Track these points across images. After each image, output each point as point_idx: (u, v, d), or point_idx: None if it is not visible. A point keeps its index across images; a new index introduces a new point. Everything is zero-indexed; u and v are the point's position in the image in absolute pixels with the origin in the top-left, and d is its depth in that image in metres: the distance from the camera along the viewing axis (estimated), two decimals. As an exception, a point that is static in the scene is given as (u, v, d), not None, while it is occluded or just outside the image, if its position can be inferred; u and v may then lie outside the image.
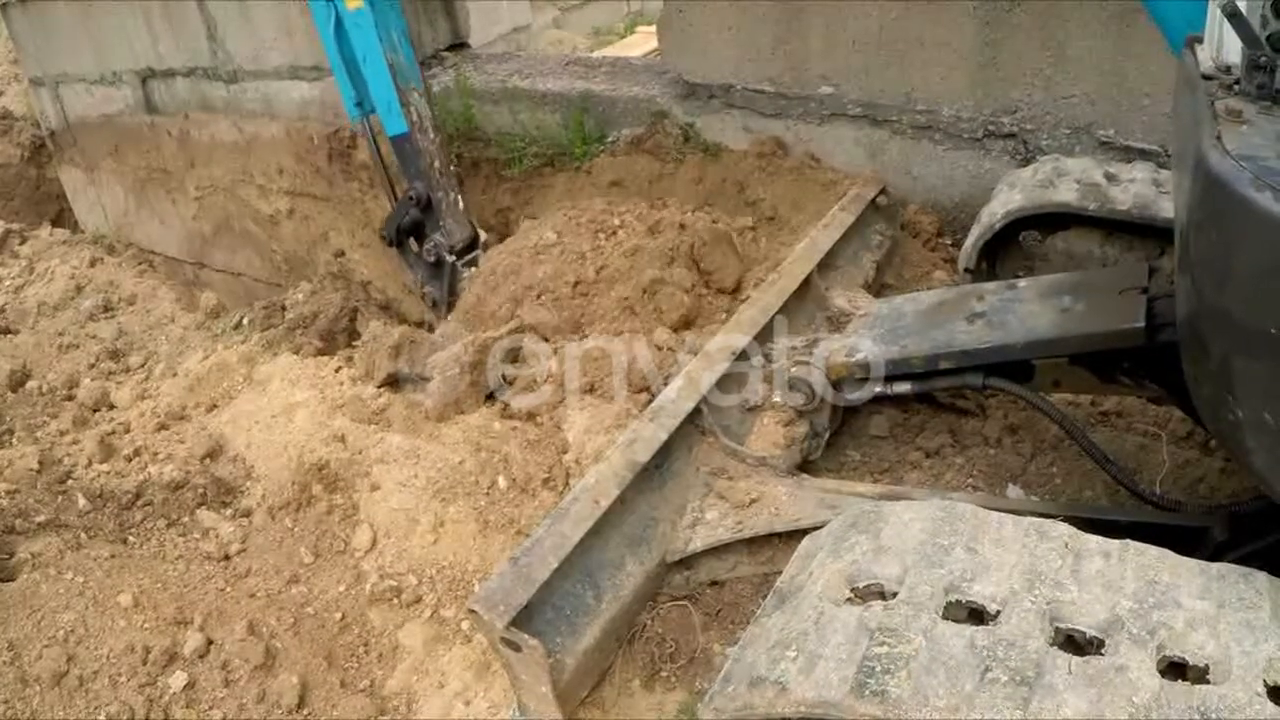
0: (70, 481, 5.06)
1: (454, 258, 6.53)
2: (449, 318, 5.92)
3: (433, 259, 6.58)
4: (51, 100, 11.31)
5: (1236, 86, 2.18)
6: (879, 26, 5.13)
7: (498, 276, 5.56)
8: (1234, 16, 2.11)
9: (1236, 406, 2.05)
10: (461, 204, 6.58)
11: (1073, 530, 2.15)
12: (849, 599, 2.18)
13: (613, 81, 6.59)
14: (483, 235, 6.70)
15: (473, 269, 6.28)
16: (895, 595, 2.10)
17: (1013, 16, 4.74)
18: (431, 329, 6.46)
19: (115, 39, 9.77)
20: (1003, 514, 2.25)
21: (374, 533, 4.34)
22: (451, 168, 6.53)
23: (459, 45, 7.87)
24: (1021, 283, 3.72)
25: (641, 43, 10.26)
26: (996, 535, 2.18)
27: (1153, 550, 2.07)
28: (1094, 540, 2.11)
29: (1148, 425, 3.76)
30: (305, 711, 3.81)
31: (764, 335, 4.12)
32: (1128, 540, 2.10)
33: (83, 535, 4.60)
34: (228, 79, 8.86)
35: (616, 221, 5.55)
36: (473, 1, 7.92)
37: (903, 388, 3.69)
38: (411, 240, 6.70)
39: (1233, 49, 2.25)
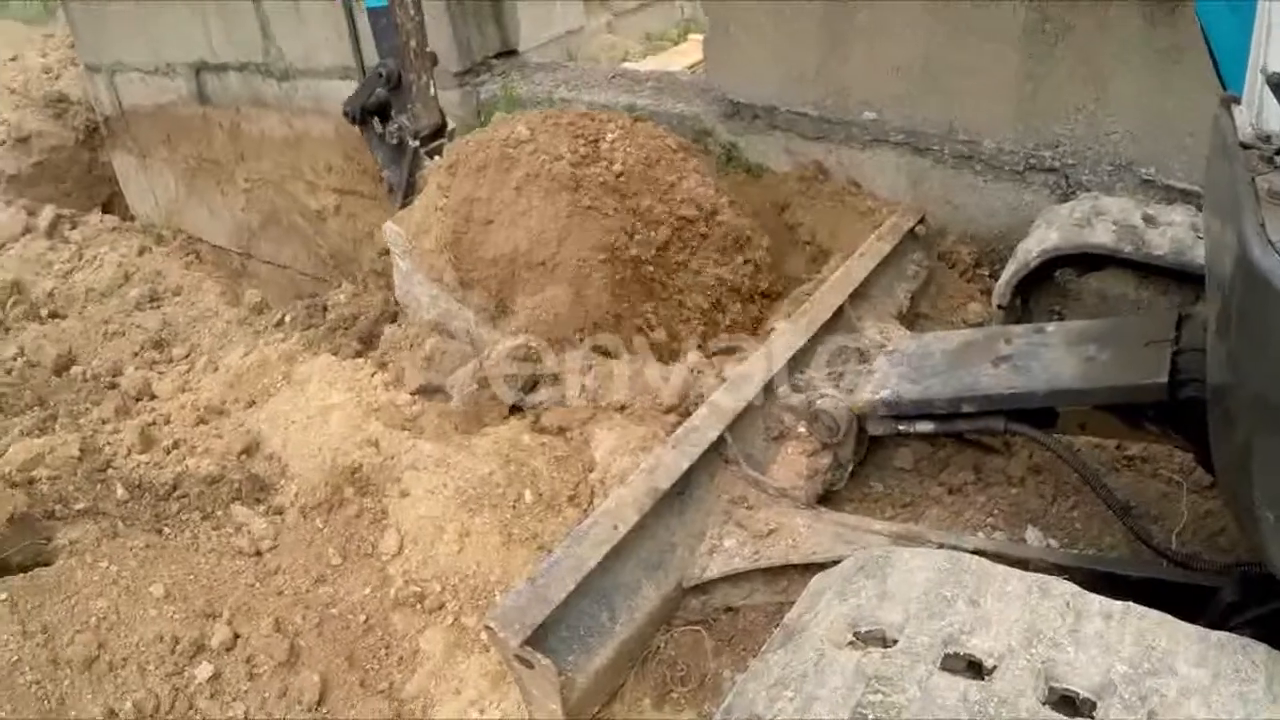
0: (110, 470, 5.15)
1: (417, 143, 6.33)
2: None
3: (395, 141, 6.38)
4: (106, 87, 11.46)
5: (1278, 158, 2.13)
6: (923, 54, 5.13)
7: (470, 206, 5.31)
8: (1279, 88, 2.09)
9: (1254, 487, 2.04)
10: (433, 90, 6.40)
11: (1076, 589, 2.17)
12: (850, 642, 2.20)
13: (658, 97, 6.62)
14: (450, 124, 6.52)
15: (436, 159, 6.04)
16: (895, 643, 2.13)
17: (1057, 50, 4.73)
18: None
19: (170, 32, 9.90)
20: (1009, 569, 2.27)
21: (401, 538, 4.39)
22: (427, 50, 6.34)
23: (508, 53, 7.89)
24: (1049, 327, 3.72)
25: (693, 50, 10.25)
26: (1000, 589, 2.20)
27: (1154, 614, 2.09)
28: (1096, 601, 2.13)
29: (1171, 472, 3.76)
30: (324, 709, 3.88)
31: (793, 364, 4.14)
32: (1130, 603, 2.11)
33: (119, 524, 4.68)
34: (280, 76, 8.96)
35: (596, 128, 5.44)
36: (525, 2, 7.94)
37: (925, 427, 3.70)
38: (376, 120, 6.47)
39: (1274, 117, 2.20)
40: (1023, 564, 3.01)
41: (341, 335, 6.40)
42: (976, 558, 2.34)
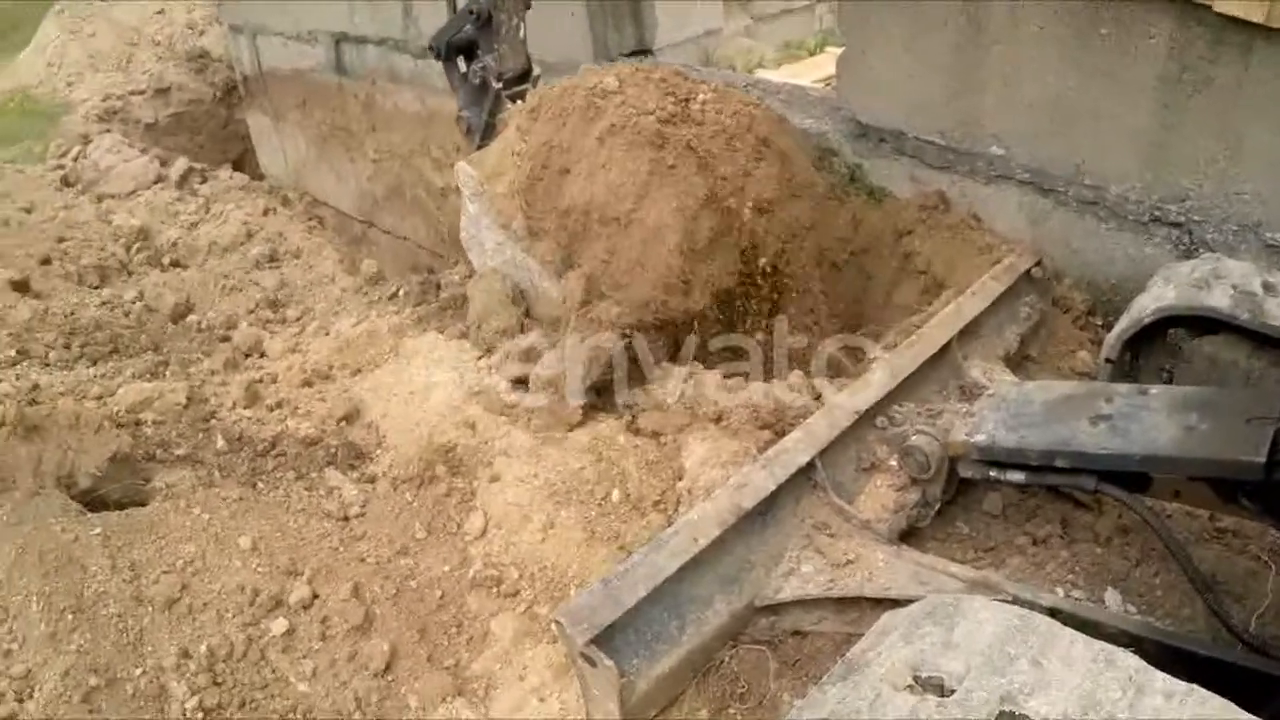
0: (213, 421, 5.28)
1: (500, 85, 6.19)
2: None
3: (478, 81, 6.24)
4: (248, 48, 11.72)
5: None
6: (1056, 94, 5.07)
7: (548, 153, 5.14)
8: None
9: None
10: (523, 33, 6.24)
11: (1141, 664, 2.15)
12: (909, 686, 2.21)
13: (787, 111, 6.58)
14: (536, 70, 6.39)
15: (518, 103, 5.92)
16: (953, 693, 2.13)
17: (1193, 101, 4.64)
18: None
19: (315, 2, 10.09)
20: (1077, 634, 2.26)
21: (486, 521, 4.47)
22: None
23: (642, 52, 7.92)
24: (1153, 390, 3.67)
25: (827, 63, 10.16)
26: (1066, 654, 2.18)
27: (1216, 701, 2.06)
28: (1160, 679, 2.11)
29: (1261, 550, 3.68)
30: (390, 678, 3.97)
31: (892, 396, 4.13)
32: (1194, 686, 2.09)
33: (216, 474, 4.81)
34: (416, 54, 9.07)
35: (688, 88, 5.27)
36: (664, 1, 7.95)
37: (1016, 477, 3.66)
38: (461, 59, 6.34)
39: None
40: (1096, 626, 2.99)
41: (451, 315, 6.48)
42: (1046, 618, 2.33)
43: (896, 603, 3.01)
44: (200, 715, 3.72)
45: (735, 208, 5.10)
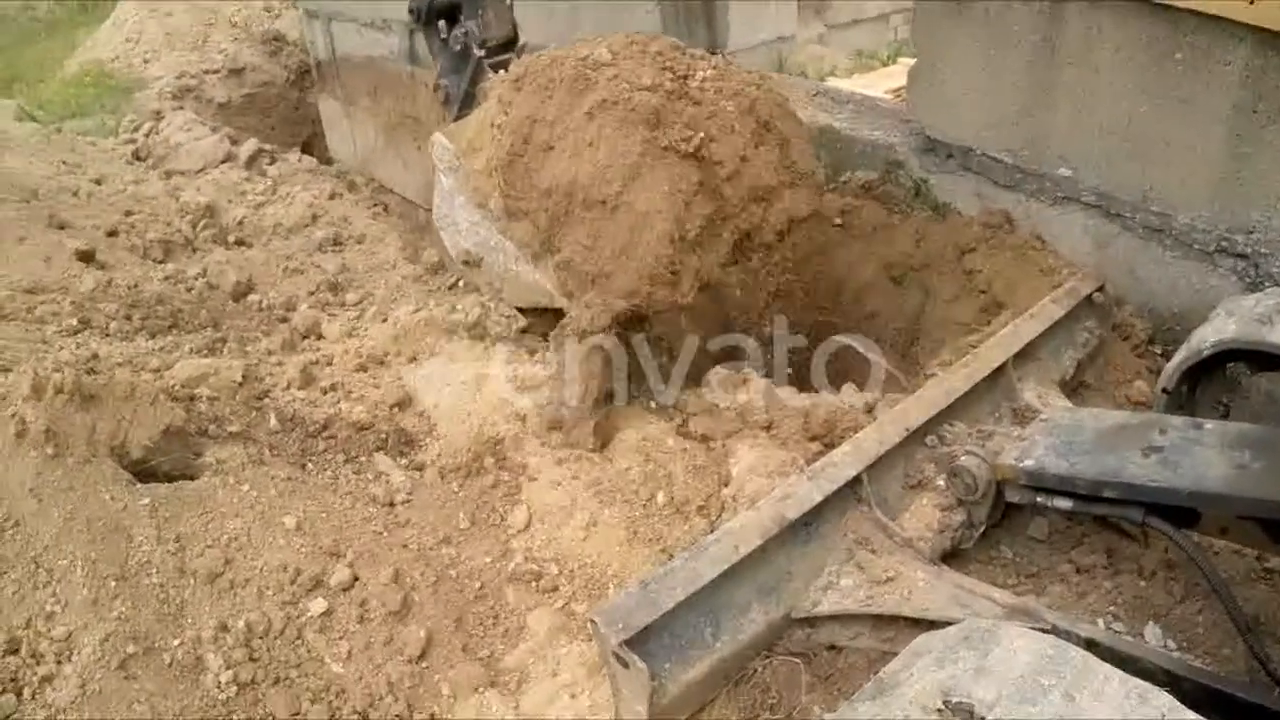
0: (267, 400, 5.31)
1: (483, 53, 5.89)
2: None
3: (458, 47, 5.95)
4: (323, 33, 11.82)
5: None
6: (1127, 118, 5.02)
7: (531, 127, 4.75)
8: None
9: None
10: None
11: (1173, 703, 2.12)
12: (939, 710, 2.19)
13: (855, 122, 6.58)
14: (522, 39, 6.09)
15: (501, 73, 5.51)
16: (983, 720, 2.12)
17: (1266, 133, 4.57)
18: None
19: (391, -8, 10.15)
20: (1112, 669, 2.23)
21: (530, 516, 4.49)
22: None
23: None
24: (1208, 425, 3.62)
25: (899, 74, 10.12)
26: (1098, 689, 2.16)
27: (1248, 745, 2.04)
28: (1192, 718, 2.08)
29: (1309, 593, 3.64)
30: (424, 664, 3.99)
31: (945, 415, 4.11)
32: (1227, 728, 2.07)
33: (266, 453, 4.84)
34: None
35: (687, 64, 4.90)
36: (739, 3, 7.92)
37: (1063, 504, 3.62)
38: (443, 23, 6.04)
39: None
40: (1134, 661, 2.96)
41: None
42: (1081, 650, 2.30)
43: (934, 624, 3.01)
44: (234, 689, 3.75)
45: (730, 195, 4.82)
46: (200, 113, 12.16)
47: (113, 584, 3.89)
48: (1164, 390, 4.20)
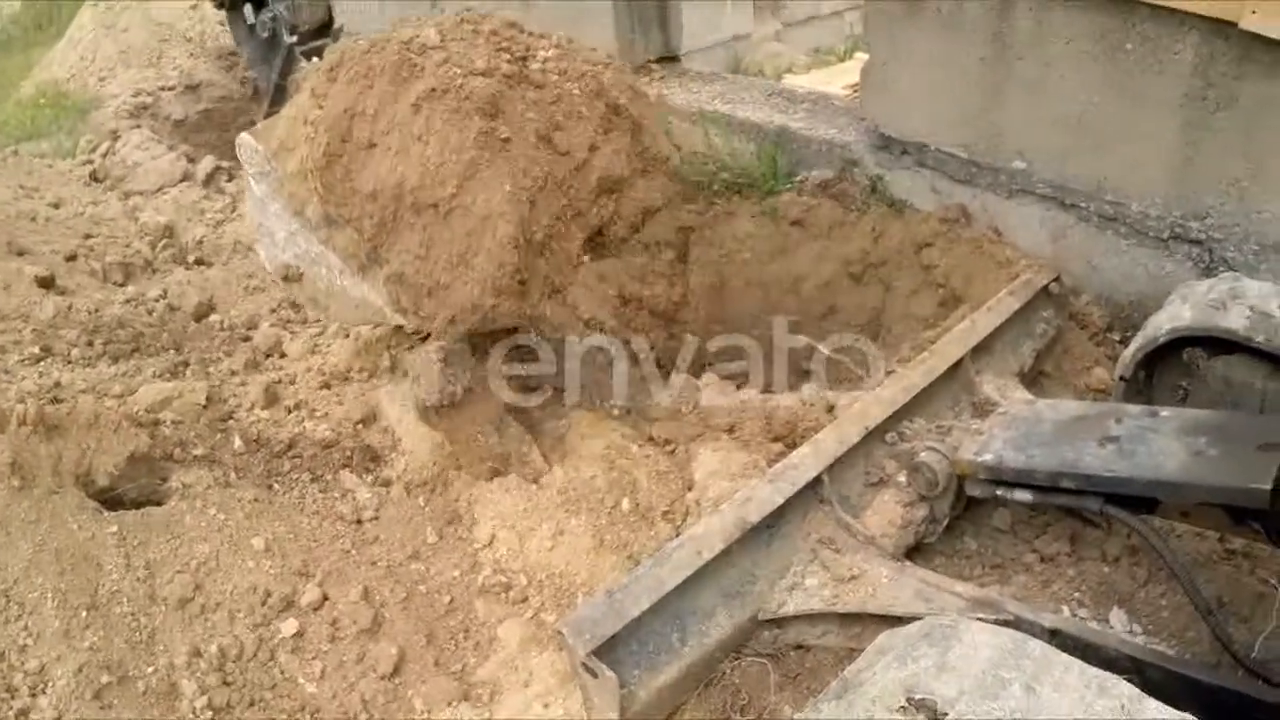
0: (231, 421, 5.29)
1: (294, 39, 5.33)
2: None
3: (266, 34, 5.36)
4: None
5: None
6: (1080, 110, 5.05)
7: (349, 122, 4.21)
8: None
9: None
10: None
11: (1135, 692, 2.14)
12: (901, 708, 2.22)
13: (811, 120, 6.60)
14: (339, 22, 5.49)
15: (315, 60, 4.95)
16: (945, 716, 2.14)
17: (1216, 120, 4.62)
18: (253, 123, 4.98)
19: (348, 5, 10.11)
20: (1072, 660, 2.26)
21: (497, 528, 4.49)
22: None
23: (670, 59, 7.93)
24: (1164, 412, 3.65)
25: (856, 69, 10.16)
26: (1059, 680, 2.18)
27: (1206, 730, 2.06)
28: (1153, 706, 2.10)
29: (1271, 573, 3.66)
30: (397, 681, 3.99)
31: (904, 411, 4.13)
32: (1186, 715, 2.09)
33: (232, 475, 4.82)
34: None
35: (526, 43, 4.48)
36: (694, 1, 7.93)
37: (1022, 497, 3.66)
38: (248, 7, 5.42)
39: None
40: (1097, 649, 2.99)
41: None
42: (1041, 643, 2.33)
43: (899, 619, 3.03)
44: (209, 714, 3.75)
45: (579, 188, 4.42)
46: (157, 131, 12.05)
47: (84, 614, 3.88)
48: (1122, 378, 4.24)
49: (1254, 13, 4.26)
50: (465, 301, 4.18)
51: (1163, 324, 4.12)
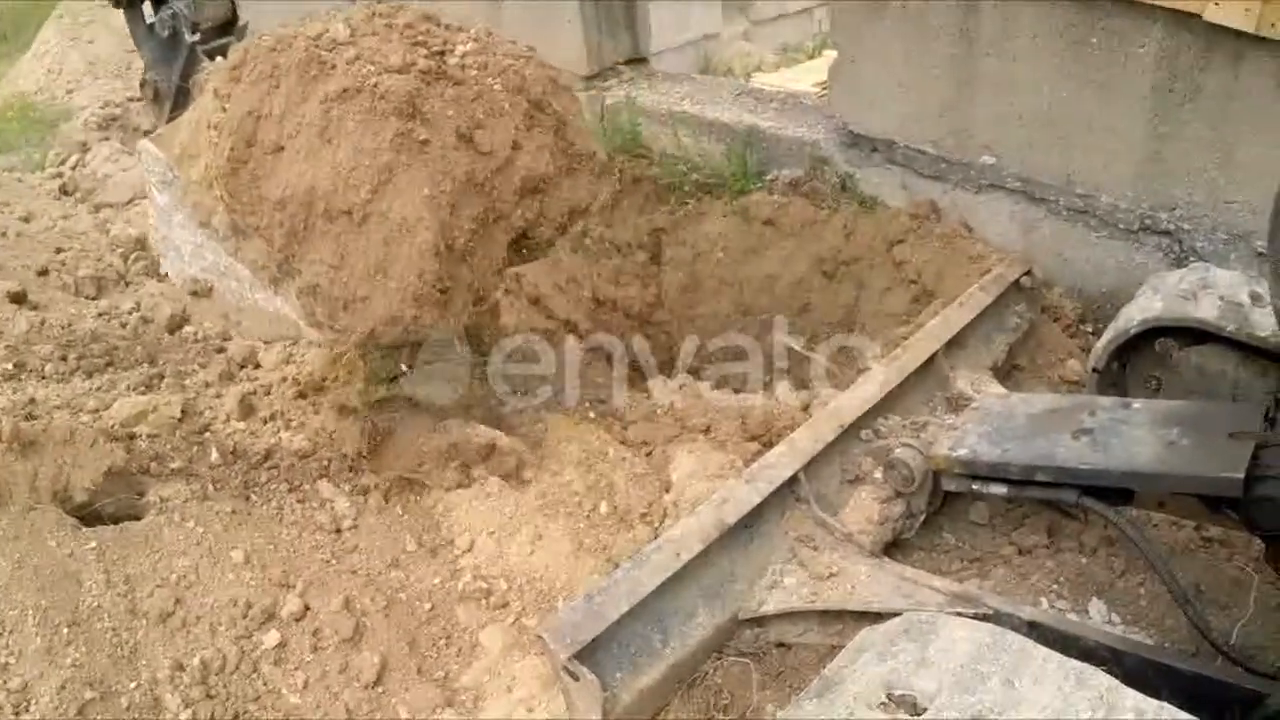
0: (207, 434, 5.25)
1: (196, 38, 5.18)
2: None
3: (167, 33, 5.19)
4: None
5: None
6: (1048, 104, 5.09)
7: (255, 125, 3.91)
8: None
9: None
10: None
11: (1113, 683, 2.16)
12: (882, 704, 2.23)
13: (780, 119, 6.62)
14: (243, 19, 5.32)
15: (219, 60, 4.82)
16: (925, 711, 2.15)
17: (1183, 111, 4.66)
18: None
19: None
20: (1050, 652, 2.27)
21: (476, 534, 4.48)
22: None
23: (639, 60, 7.94)
24: (1136, 404, 3.68)
25: (824, 67, 10.19)
26: (1037, 672, 2.20)
27: (1184, 717, 2.08)
28: (1131, 697, 2.12)
29: (1248, 560, 3.69)
30: (380, 689, 3.96)
31: (879, 408, 4.14)
32: (1164, 704, 2.10)
33: (210, 487, 4.79)
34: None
35: (443, 37, 4.18)
36: (662, 1, 7.92)
37: (998, 490, 3.68)
38: (147, 6, 5.20)
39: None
40: (1076, 640, 3.00)
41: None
42: (1020, 637, 2.34)
43: (879, 616, 3.03)
44: (193, 727, 3.74)
45: (502, 190, 4.13)
46: (126, 142, 11.94)
47: (65, 631, 3.86)
48: (1095, 369, 4.27)
49: (1217, 4, 4.29)
50: (384, 313, 3.91)
51: (1134, 315, 4.14)
